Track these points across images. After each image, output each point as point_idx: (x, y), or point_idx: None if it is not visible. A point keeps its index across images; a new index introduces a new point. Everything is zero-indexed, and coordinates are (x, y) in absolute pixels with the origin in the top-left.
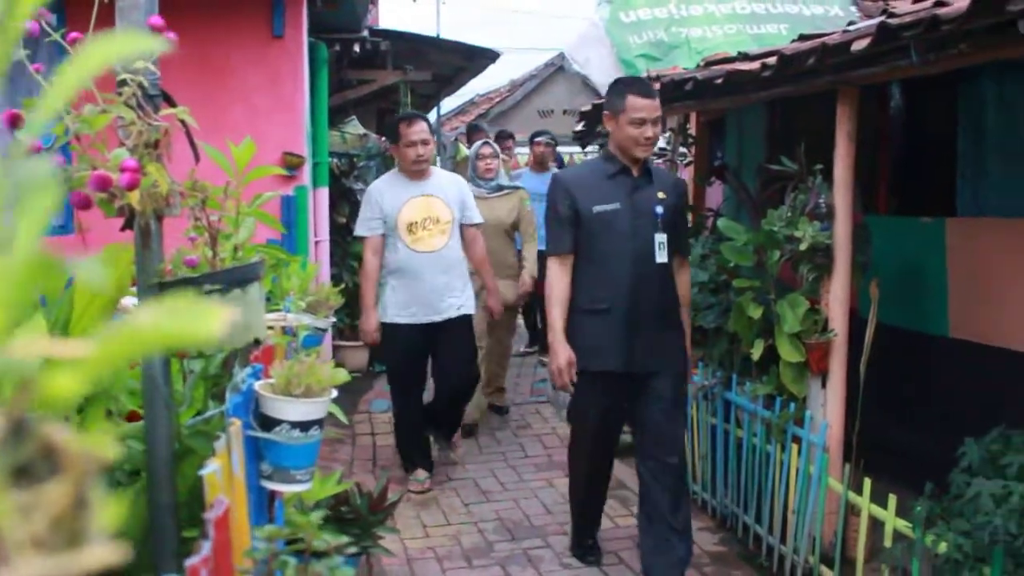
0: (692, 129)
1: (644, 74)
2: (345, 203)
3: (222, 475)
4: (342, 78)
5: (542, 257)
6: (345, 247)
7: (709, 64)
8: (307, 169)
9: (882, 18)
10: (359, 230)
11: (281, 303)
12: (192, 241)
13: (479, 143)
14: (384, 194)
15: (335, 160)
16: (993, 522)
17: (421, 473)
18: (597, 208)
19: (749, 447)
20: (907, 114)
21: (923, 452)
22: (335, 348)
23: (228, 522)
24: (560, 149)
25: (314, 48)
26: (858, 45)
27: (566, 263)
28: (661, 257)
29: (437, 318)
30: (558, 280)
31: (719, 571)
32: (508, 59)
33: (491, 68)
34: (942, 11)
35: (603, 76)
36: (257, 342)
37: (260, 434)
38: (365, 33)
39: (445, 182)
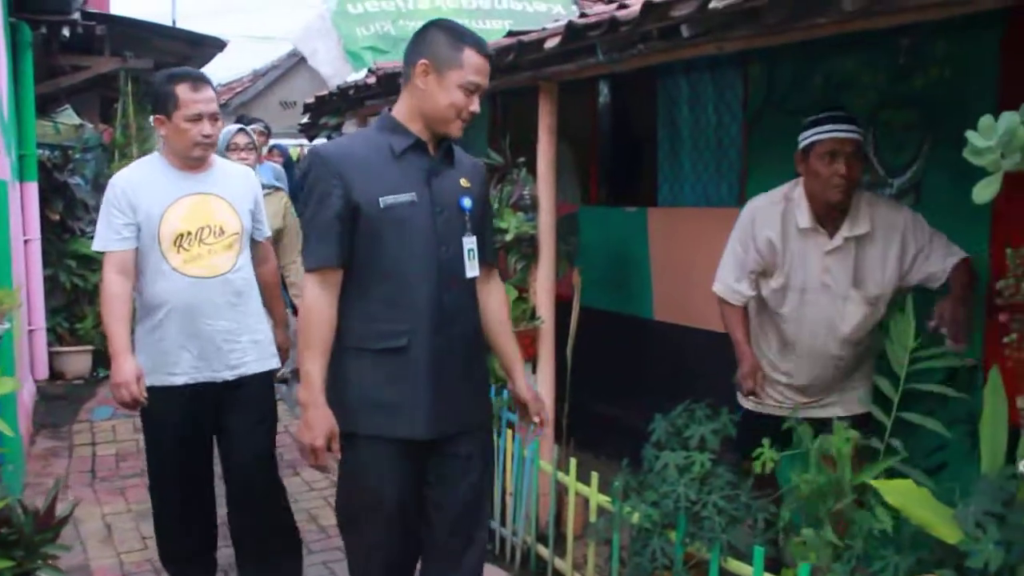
0: None
1: (371, 66)
2: (59, 199)
3: None
4: (53, 64)
5: None
6: (61, 246)
7: None
8: (4, 162)
9: (571, 18)
10: (98, 242)
11: None
12: None
13: (232, 130)
14: (140, 189)
15: (46, 152)
16: (676, 491)
17: None
18: (386, 199)
19: None
20: (616, 108)
21: (634, 427)
22: (53, 354)
23: None
24: (289, 142)
25: (16, 29)
26: (550, 43)
27: (331, 282)
28: (472, 270)
29: (227, 375)
30: (319, 307)
31: None
32: (252, 48)
33: (234, 58)
34: (621, 13)
35: (330, 68)
36: None
37: None
38: (76, 15)
39: (231, 176)
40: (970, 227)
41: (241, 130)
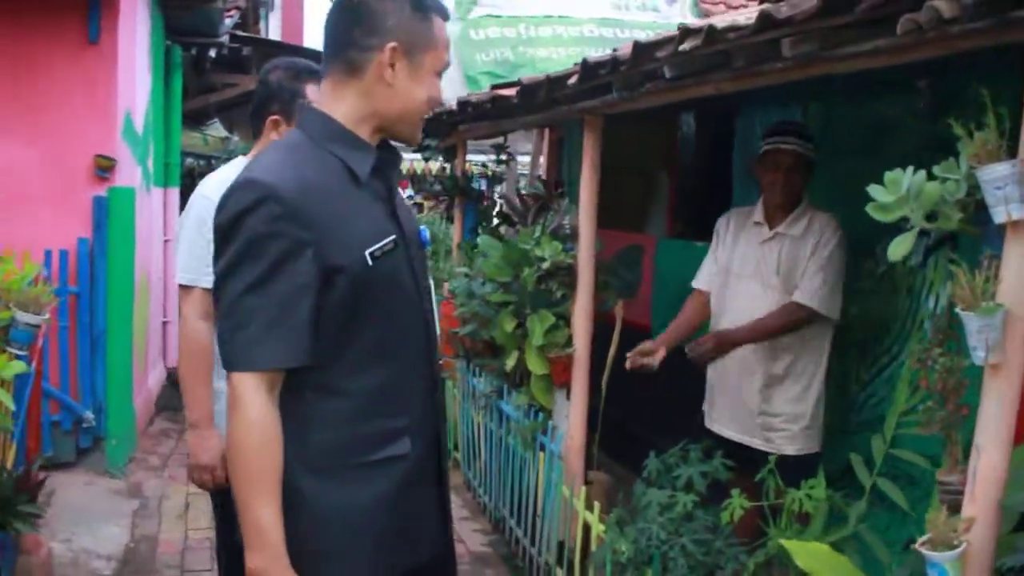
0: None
1: (486, 90)
2: None
3: None
4: (207, 82)
5: None
6: None
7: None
8: (136, 172)
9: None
10: (184, 272)
11: None
12: None
13: None
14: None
15: (195, 161)
16: (651, 528)
17: None
18: (372, 250)
19: (514, 453)
20: (699, 142)
21: None
22: None
23: None
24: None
25: (169, 52)
26: (572, 79)
27: (276, 386)
28: (437, 326)
29: None
30: (269, 425)
31: (472, 570)
32: None
33: None
34: (620, 53)
35: (450, 91)
36: None
37: None
38: (224, 38)
39: None
40: None
41: None
